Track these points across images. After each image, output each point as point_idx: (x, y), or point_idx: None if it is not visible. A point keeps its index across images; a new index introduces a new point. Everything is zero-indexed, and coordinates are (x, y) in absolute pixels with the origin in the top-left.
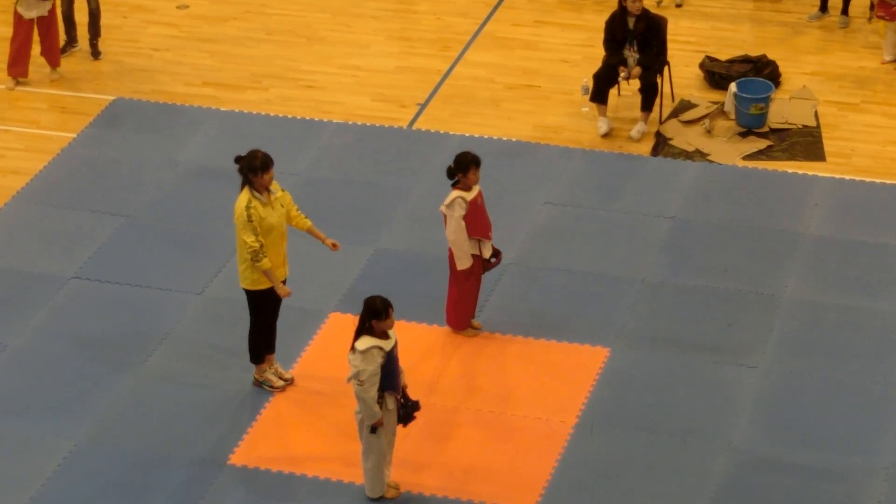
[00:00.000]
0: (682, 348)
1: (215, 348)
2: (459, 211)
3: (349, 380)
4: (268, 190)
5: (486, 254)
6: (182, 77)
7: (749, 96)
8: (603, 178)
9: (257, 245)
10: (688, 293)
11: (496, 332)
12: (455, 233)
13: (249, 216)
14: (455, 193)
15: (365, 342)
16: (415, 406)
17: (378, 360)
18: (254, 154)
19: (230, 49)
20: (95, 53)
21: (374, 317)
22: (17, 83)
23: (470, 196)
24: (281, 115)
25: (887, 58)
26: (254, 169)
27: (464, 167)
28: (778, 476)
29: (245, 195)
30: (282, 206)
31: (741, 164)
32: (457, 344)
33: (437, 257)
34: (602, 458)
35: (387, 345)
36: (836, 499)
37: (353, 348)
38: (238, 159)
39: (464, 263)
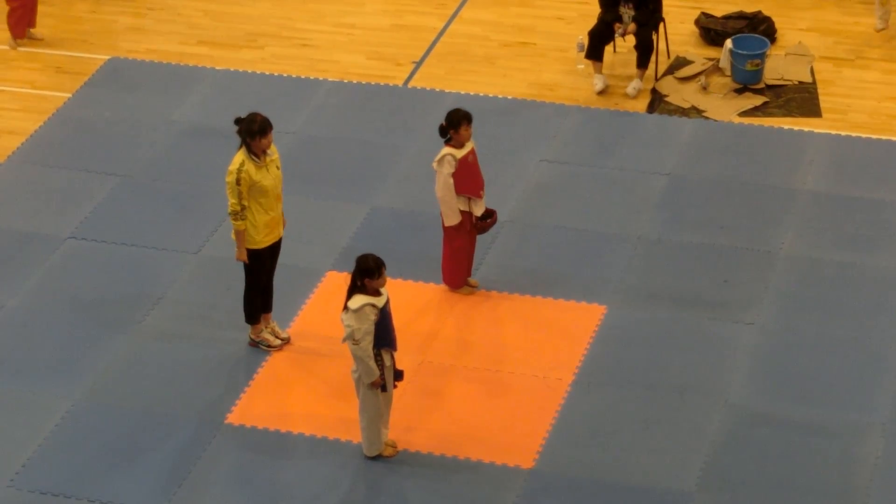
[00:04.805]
0: (678, 305)
1: (212, 308)
2: (448, 168)
3: (344, 340)
4: (264, 152)
5: (477, 212)
6: (176, 36)
7: (745, 53)
8: (599, 136)
9: (238, 208)
10: (684, 250)
11: (492, 289)
12: (442, 189)
13: (238, 179)
14: (445, 150)
15: (357, 301)
16: (398, 375)
17: (371, 317)
18: (253, 118)
19: (224, 8)
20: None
21: (367, 275)
22: (22, 42)
23: (461, 153)
24: (276, 74)
25: (880, 26)
26: (252, 133)
27: (455, 124)
28: (774, 432)
29: (240, 156)
30: (277, 167)
31: (737, 120)
32: (453, 302)
33: (434, 215)
34: (599, 415)
35: (379, 301)
36: (833, 455)
37: (345, 307)
38: (238, 121)
39: (451, 220)
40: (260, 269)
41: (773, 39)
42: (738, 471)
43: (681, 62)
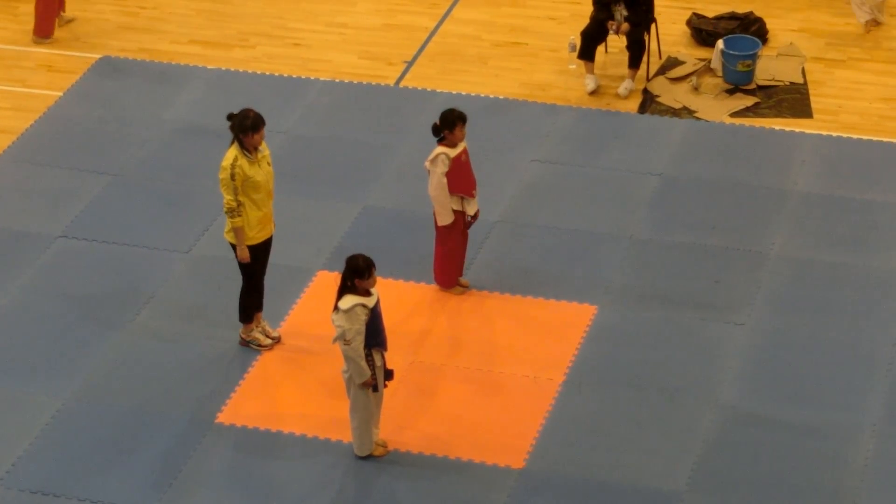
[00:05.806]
0: (669, 305)
1: (202, 307)
2: (442, 167)
3: (335, 341)
4: (256, 149)
5: (470, 211)
6: (168, 35)
7: (736, 53)
8: (590, 136)
9: (234, 204)
10: (675, 250)
11: (484, 289)
12: (436, 189)
13: (233, 175)
14: (439, 149)
15: (348, 301)
16: (389, 375)
17: (362, 317)
18: (245, 113)
19: (217, 7)
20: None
21: (357, 275)
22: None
23: (454, 153)
24: (268, 73)
25: (862, 20)
26: (244, 128)
27: (450, 123)
28: (765, 433)
29: (232, 152)
30: (268, 163)
31: (728, 121)
32: (444, 302)
33: (425, 215)
34: (590, 414)
35: (370, 302)
36: (823, 456)
37: (336, 308)
38: (230, 117)
39: (444, 219)
40: (255, 265)
41: (764, 40)
42: (729, 471)
43: (672, 63)
